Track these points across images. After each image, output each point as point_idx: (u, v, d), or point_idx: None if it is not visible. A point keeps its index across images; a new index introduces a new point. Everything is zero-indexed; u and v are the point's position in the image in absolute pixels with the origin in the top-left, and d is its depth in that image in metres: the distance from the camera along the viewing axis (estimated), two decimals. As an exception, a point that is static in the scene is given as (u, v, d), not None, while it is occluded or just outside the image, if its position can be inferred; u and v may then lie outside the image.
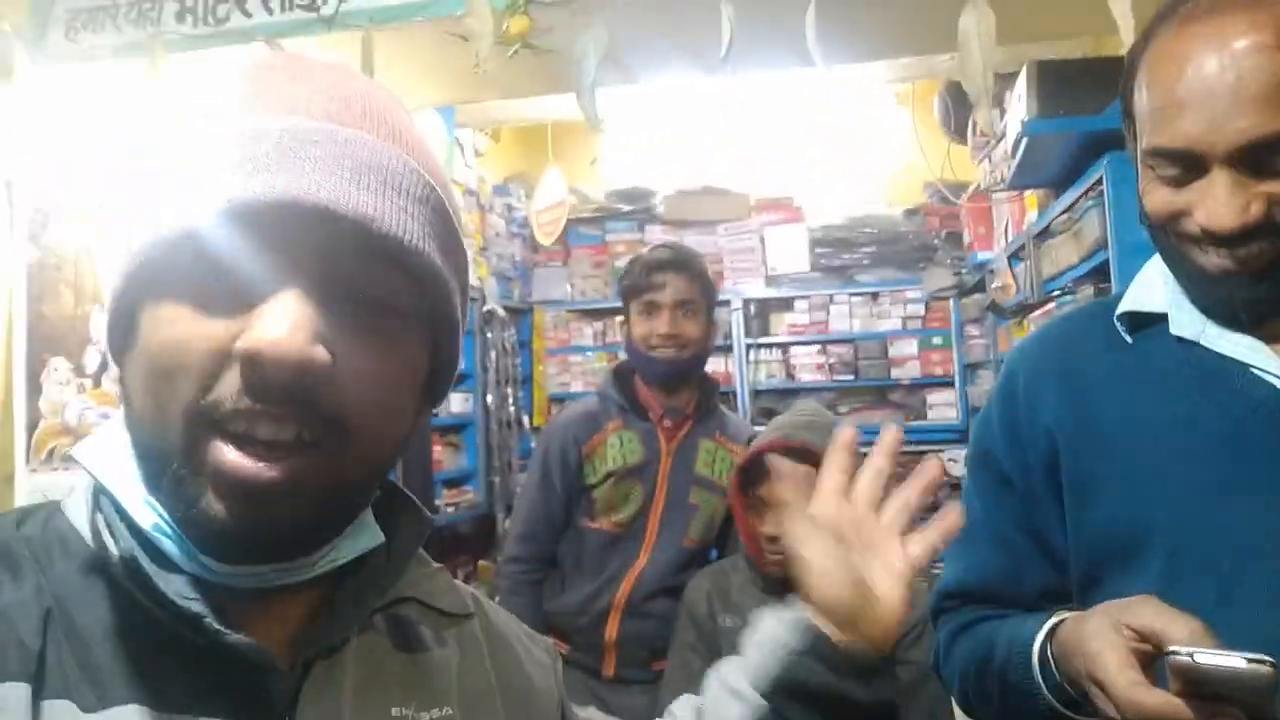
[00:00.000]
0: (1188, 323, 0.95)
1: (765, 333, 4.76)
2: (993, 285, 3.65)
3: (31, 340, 2.03)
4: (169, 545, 0.55)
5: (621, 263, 4.75)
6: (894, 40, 2.22)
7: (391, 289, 0.57)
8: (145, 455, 0.56)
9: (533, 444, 4.51)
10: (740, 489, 1.82)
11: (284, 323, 0.51)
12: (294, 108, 0.56)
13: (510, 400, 4.49)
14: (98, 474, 0.57)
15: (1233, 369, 0.92)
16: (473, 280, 4.09)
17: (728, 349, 4.64)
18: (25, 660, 0.52)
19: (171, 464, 0.53)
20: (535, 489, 2.15)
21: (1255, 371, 0.91)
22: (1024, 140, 2.50)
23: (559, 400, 4.85)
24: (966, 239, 4.12)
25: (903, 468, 0.70)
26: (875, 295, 4.63)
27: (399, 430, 0.60)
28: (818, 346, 4.68)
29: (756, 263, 4.68)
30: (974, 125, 3.56)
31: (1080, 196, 2.54)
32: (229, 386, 0.52)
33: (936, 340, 4.52)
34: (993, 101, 2.58)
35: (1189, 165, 0.86)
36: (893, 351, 4.58)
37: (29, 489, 1.99)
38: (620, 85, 2.36)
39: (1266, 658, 0.63)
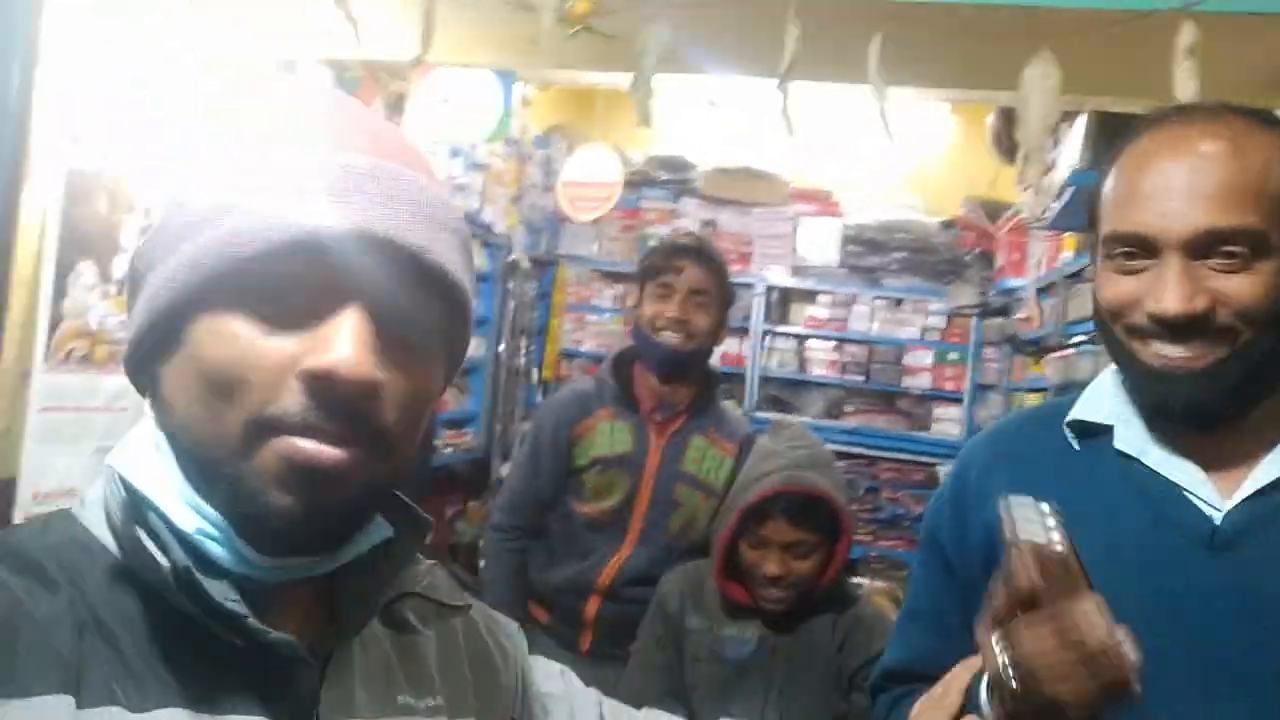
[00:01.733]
0: (1132, 439, 0.98)
1: (784, 321, 4.76)
2: (1016, 314, 3.64)
3: (63, 243, 2.05)
4: (213, 547, 0.58)
5: (651, 230, 4.74)
6: (956, 74, 2.19)
7: (431, 313, 0.62)
8: (195, 459, 0.59)
9: (539, 397, 4.56)
10: (741, 520, 1.77)
11: (352, 345, 0.56)
12: (344, 143, 0.60)
13: (523, 350, 4.52)
14: (138, 485, 0.59)
15: (1169, 491, 0.95)
16: (500, 229, 4.10)
17: (745, 331, 4.65)
18: (66, 672, 0.54)
19: (228, 465, 0.57)
20: (524, 465, 2.19)
21: (1188, 495, 0.93)
22: (1071, 186, 2.48)
23: (571, 356, 4.88)
24: (999, 262, 4.09)
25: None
26: (899, 301, 4.62)
27: (420, 434, 0.65)
28: (834, 343, 4.68)
29: (786, 250, 4.67)
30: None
31: (1117, 249, 2.52)
32: (292, 399, 0.56)
33: (952, 356, 4.52)
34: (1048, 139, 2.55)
35: (1144, 250, 0.91)
36: (907, 359, 4.59)
37: (44, 387, 2.02)
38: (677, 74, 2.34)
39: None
